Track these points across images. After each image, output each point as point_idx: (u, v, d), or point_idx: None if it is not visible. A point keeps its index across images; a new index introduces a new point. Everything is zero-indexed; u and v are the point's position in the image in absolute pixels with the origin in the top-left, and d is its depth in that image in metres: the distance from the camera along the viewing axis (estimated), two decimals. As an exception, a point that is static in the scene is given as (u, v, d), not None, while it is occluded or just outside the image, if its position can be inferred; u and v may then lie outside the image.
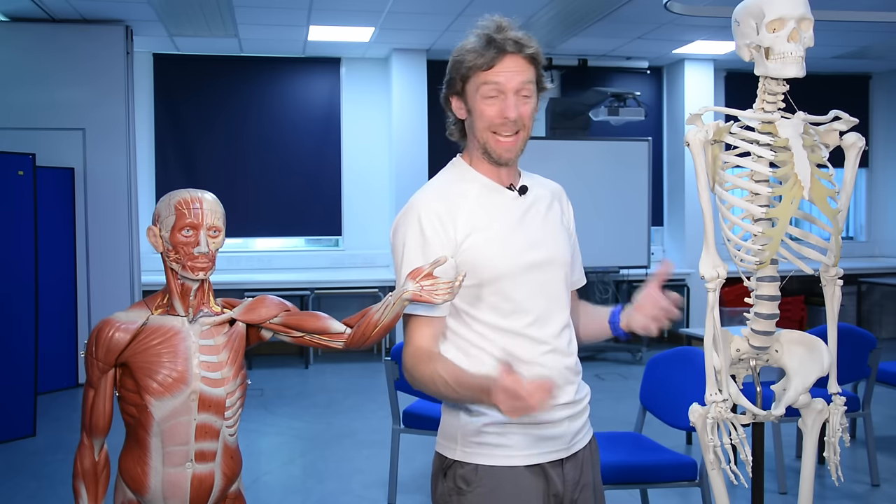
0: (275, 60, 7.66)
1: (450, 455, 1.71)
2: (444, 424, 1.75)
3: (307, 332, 1.87)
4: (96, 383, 1.78)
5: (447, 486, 1.70)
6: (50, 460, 4.55)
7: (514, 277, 1.69)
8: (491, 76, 1.66)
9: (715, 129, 1.89)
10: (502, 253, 1.68)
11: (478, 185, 1.74)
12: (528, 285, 1.70)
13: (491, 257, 1.67)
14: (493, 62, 1.66)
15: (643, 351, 7.39)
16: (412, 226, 1.70)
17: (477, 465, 1.68)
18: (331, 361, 7.30)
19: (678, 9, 5.67)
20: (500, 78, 1.66)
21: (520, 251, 1.69)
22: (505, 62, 1.66)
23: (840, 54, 7.68)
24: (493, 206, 1.71)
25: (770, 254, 1.84)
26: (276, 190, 7.71)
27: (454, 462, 1.70)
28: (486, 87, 1.67)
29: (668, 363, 3.35)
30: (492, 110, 1.67)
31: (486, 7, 1.81)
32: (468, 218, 1.69)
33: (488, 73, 1.67)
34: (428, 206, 1.70)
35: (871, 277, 8.25)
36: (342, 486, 4.16)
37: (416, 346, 1.68)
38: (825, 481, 3.99)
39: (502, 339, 1.68)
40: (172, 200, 1.80)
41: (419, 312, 1.69)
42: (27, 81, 6.26)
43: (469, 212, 1.69)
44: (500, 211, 1.72)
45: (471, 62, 1.68)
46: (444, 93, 1.77)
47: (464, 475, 1.68)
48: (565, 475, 1.72)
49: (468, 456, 1.69)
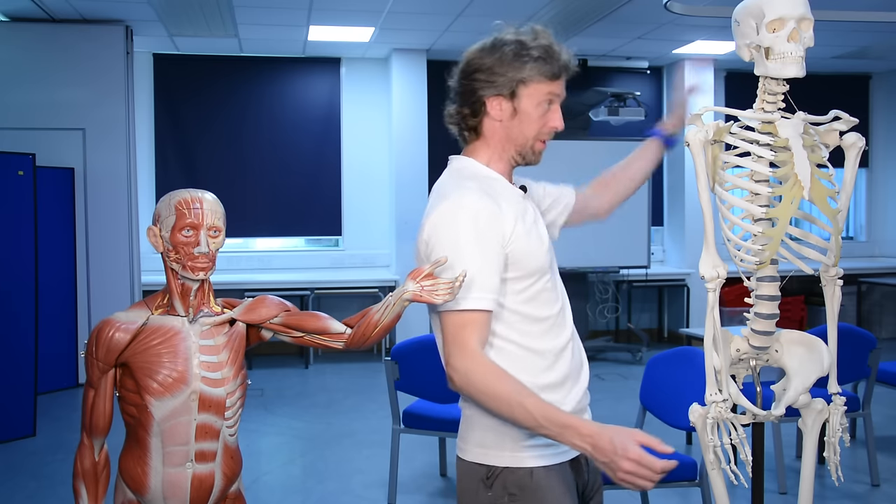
0: (275, 60, 7.66)
1: (496, 463, 1.66)
2: (484, 433, 1.68)
3: (307, 333, 1.87)
4: (96, 383, 1.78)
5: (494, 496, 1.66)
6: (50, 460, 4.55)
7: (552, 266, 1.75)
8: (556, 88, 1.73)
9: (715, 129, 1.89)
10: (539, 244, 1.71)
11: (500, 183, 1.75)
12: (556, 274, 1.78)
13: (535, 248, 1.70)
14: (561, 74, 1.72)
15: (643, 351, 7.39)
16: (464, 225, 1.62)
17: (532, 468, 1.65)
18: (331, 361, 7.30)
19: (678, 9, 5.67)
20: (560, 91, 1.74)
21: (546, 242, 1.75)
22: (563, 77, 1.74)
23: (840, 54, 7.68)
24: (514, 201, 1.73)
25: (770, 254, 1.84)
26: (276, 190, 7.71)
27: (503, 469, 1.66)
28: (551, 97, 1.73)
29: (668, 363, 3.35)
30: (555, 119, 1.74)
31: (486, 7, 1.81)
32: (511, 211, 1.69)
33: (554, 84, 1.72)
34: (479, 203, 1.64)
35: (871, 277, 8.25)
36: (342, 486, 4.16)
37: (475, 352, 1.58)
38: (825, 481, 4.00)
39: (538, 328, 1.69)
40: (173, 200, 1.80)
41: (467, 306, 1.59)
42: (27, 81, 6.26)
43: (507, 205, 1.69)
44: (520, 206, 1.74)
45: (536, 69, 1.69)
46: (484, 92, 1.70)
47: (516, 481, 1.65)
48: (590, 471, 1.77)
49: (520, 461, 1.65)
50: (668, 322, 8.28)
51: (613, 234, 7.01)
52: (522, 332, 1.68)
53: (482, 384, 1.55)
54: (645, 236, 7.28)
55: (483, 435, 1.68)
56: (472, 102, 1.73)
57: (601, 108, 7.22)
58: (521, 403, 1.51)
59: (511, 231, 1.65)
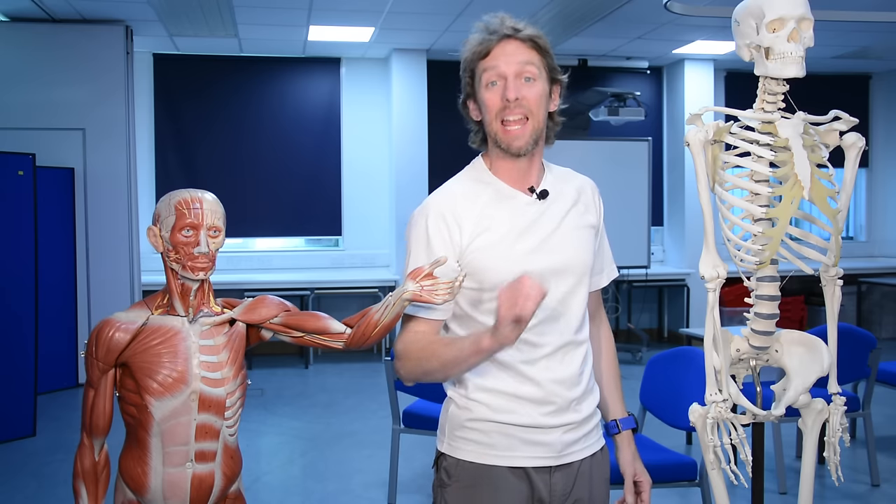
0: (275, 60, 7.66)
1: (439, 447, 1.74)
2: (440, 417, 1.77)
3: (307, 333, 1.86)
4: (96, 383, 1.78)
5: (436, 477, 1.73)
6: (50, 460, 4.55)
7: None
8: (489, 61, 1.65)
9: (715, 129, 1.88)
10: (505, 259, 1.65)
11: (491, 189, 1.71)
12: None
13: (493, 263, 1.65)
14: (490, 47, 1.65)
15: (643, 351, 7.39)
16: (419, 226, 1.70)
17: (458, 459, 1.68)
18: (331, 361, 7.30)
19: (678, 9, 5.67)
20: (497, 62, 1.65)
21: (524, 257, 1.65)
22: (502, 46, 1.65)
23: (840, 54, 7.68)
24: (502, 211, 1.69)
25: (770, 254, 1.83)
26: (276, 190, 7.71)
27: (442, 454, 1.72)
28: (487, 74, 1.66)
29: (668, 363, 3.35)
30: (494, 97, 1.65)
31: (486, 7, 1.81)
32: (476, 222, 1.67)
33: (487, 59, 1.66)
34: (437, 208, 1.69)
35: (871, 277, 8.26)
36: (342, 486, 4.16)
37: (401, 336, 1.70)
38: (825, 481, 3.99)
39: None
40: (173, 200, 1.80)
41: (420, 314, 1.69)
42: (27, 81, 6.26)
43: (477, 215, 1.67)
44: (509, 216, 1.68)
45: (470, 52, 1.68)
46: (462, 99, 1.75)
47: (447, 468, 1.70)
48: (553, 484, 1.67)
49: (453, 449, 1.70)
50: (668, 322, 8.28)
51: (614, 234, 6.98)
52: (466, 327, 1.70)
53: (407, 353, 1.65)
54: (645, 236, 7.28)
55: (439, 419, 1.77)
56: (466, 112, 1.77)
57: (601, 108, 7.22)
58: (433, 344, 1.63)
59: (468, 242, 1.66)
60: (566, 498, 1.69)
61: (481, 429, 1.67)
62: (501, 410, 1.66)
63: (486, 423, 1.66)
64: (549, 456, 1.67)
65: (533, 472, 1.66)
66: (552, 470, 1.68)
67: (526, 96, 1.64)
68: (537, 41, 1.67)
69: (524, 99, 1.64)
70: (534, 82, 1.66)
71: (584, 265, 1.73)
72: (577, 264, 1.72)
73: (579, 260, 1.73)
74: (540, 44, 1.68)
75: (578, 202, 1.77)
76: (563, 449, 1.68)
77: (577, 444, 1.71)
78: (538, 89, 1.66)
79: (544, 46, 1.68)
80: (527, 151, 1.68)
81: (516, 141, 1.66)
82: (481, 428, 1.67)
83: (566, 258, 1.70)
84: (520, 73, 1.64)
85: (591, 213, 1.81)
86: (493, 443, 1.66)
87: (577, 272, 1.72)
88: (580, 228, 1.75)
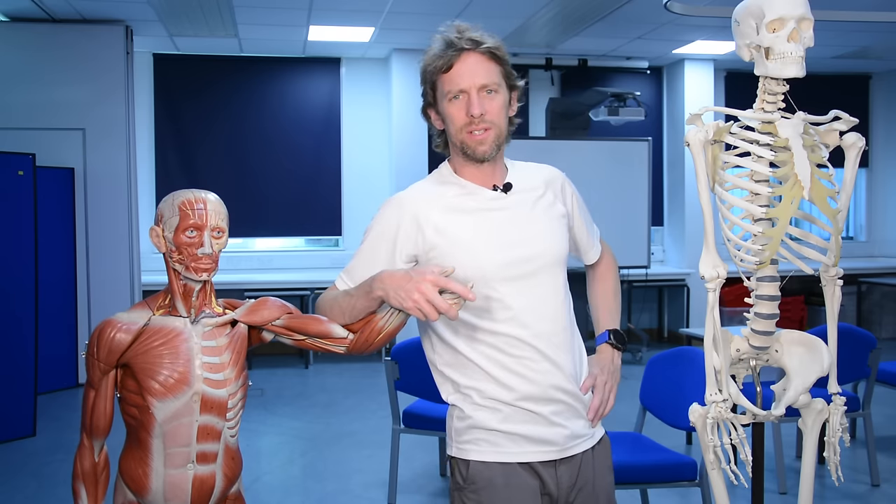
0: (275, 60, 7.66)
1: (448, 452, 1.77)
2: (446, 423, 1.80)
3: (309, 336, 1.86)
4: (97, 384, 1.78)
5: (452, 482, 1.76)
6: (50, 460, 4.55)
7: (486, 281, 1.69)
8: (451, 77, 1.70)
9: (715, 129, 1.88)
10: (471, 256, 1.69)
11: (455, 189, 1.76)
12: (504, 286, 1.71)
13: (461, 258, 1.68)
14: (452, 62, 1.69)
15: (643, 351, 7.39)
16: (390, 221, 1.78)
17: (469, 460, 1.71)
18: (331, 362, 7.30)
19: (678, 9, 5.67)
20: (461, 78, 1.69)
21: (493, 252, 1.70)
22: (463, 61, 1.69)
23: (840, 54, 7.68)
24: (467, 209, 1.73)
25: (770, 254, 1.84)
26: (276, 190, 7.70)
27: (452, 458, 1.76)
28: (449, 88, 1.70)
29: (668, 363, 3.35)
30: (459, 112, 1.70)
31: (486, 7, 1.81)
32: (439, 221, 1.71)
33: (449, 74, 1.70)
34: (411, 207, 1.75)
35: (871, 277, 8.26)
36: (342, 486, 4.16)
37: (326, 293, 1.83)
38: (825, 481, 4.00)
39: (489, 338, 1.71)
40: (176, 201, 1.80)
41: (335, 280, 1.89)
42: (27, 81, 6.26)
43: (440, 215, 1.72)
44: (474, 213, 1.73)
45: (431, 65, 1.71)
46: (423, 107, 1.80)
47: (460, 471, 1.73)
48: (559, 477, 1.73)
49: (462, 452, 1.73)
50: (668, 322, 8.29)
51: (613, 234, 7.00)
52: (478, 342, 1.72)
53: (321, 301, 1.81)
54: (645, 236, 7.28)
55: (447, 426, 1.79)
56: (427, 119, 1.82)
57: (601, 108, 7.21)
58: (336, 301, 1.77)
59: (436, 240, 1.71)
60: (571, 489, 1.75)
61: (485, 434, 1.71)
62: (502, 416, 1.71)
63: (489, 432, 1.71)
64: (553, 450, 1.73)
65: (540, 467, 1.71)
66: (557, 463, 1.73)
67: (489, 110, 1.71)
68: (496, 52, 1.72)
69: (488, 113, 1.70)
70: (495, 94, 1.72)
71: (554, 255, 1.77)
72: (546, 254, 1.76)
73: (551, 249, 1.77)
74: (499, 55, 1.72)
75: (547, 193, 1.82)
76: (566, 443, 1.74)
77: (579, 437, 1.77)
78: (499, 101, 1.72)
79: (503, 57, 1.73)
80: (491, 157, 1.74)
81: (481, 146, 1.72)
82: (485, 434, 1.71)
83: (539, 249, 1.75)
84: (482, 87, 1.70)
85: (560, 202, 1.85)
86: (499, 442, 1.70)
87: (547, 262, 1.76)
88: (550, 219, 1.80)
